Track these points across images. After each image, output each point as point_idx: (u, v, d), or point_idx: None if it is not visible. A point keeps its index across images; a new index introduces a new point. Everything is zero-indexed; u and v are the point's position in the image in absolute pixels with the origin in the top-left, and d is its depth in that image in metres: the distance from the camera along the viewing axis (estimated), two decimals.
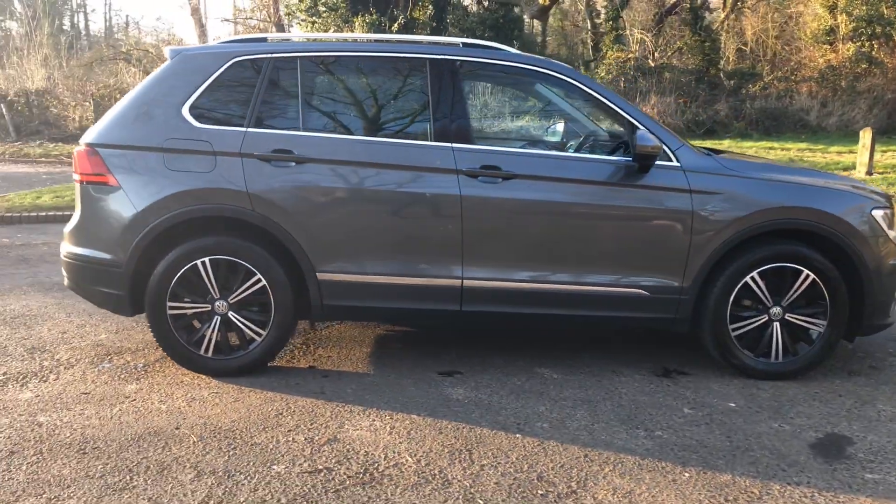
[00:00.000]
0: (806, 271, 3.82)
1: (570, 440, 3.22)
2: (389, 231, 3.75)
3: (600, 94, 3.86)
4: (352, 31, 18.59)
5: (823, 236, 3.84)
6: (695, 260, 3.79)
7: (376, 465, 2.97)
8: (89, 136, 3.83)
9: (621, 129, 3.90)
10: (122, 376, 3.85)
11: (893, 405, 3.67)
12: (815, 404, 3.66)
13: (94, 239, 3.78)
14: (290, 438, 3.19)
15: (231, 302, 3.78)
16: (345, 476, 2.88)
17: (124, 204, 3.70)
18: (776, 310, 3.87)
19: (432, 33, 20.94)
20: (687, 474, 2.95)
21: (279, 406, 3.50)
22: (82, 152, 3.78)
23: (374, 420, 3.37)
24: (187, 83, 3.81)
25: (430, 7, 20.37)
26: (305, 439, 3.18)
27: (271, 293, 3.76)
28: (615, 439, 3.24)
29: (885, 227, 3.90)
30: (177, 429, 3.26)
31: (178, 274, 3.72)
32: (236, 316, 3.80)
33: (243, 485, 2.80)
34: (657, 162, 3.76)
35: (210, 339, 3.80)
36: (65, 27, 44.99)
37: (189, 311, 3.79)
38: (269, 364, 3.97)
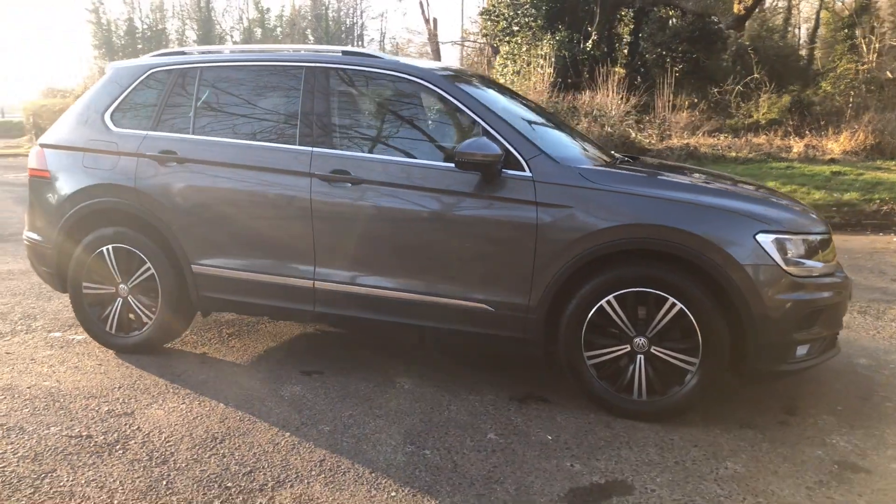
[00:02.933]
0: (672, 300, 3.35)
1: (327, 445, 3.18)
2: (253, 230, 3.95)
3: (457, 100, 3.73)
4: (539, 49, 18.69)
5: (688, 261, 3.35)
6: (541, 277, 3.51)
7: (131, 439, 3.20)
8: (43, 137, 4.51)
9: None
10: (54, 344, 4.45)
11: (748, 470, 3.08)
12: (632, 451, 3.21)
13: (37, 224, 4.44)
14: (97, 407, 3.52)
15: (130, 286, 4.22)
16: (95, 443, 3.15)
17: (54, 194, 4.32)
18: (640, 341, 3.44)
19: (630, 48, 20.39)
20: (395, 494, 2.80)
21: (126, 381, 3.86)
22: (34, 151, 4.47)
23: (185, 404, 3.59)
24: (112, 92, 4.35)
25: (631, 22, 19.83)
26: (107, 410, 3.50)
27: (158, 280, 4.15)
28: (376, 452, 3.14)
29: (776, 255, 3.29)
30: (28, 388, 3.75)
31: (90, 258, 4.24)
32: (134, 299, 4.23)
33: (9, 438, 3.18)
34: (509, 172, 3.55)
35: (113, 319, 4.27)
36: None
37: (99, 292, 4.30)
38: (164, 345, 4.34)
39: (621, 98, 15.34)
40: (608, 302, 3.43)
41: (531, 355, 3.74)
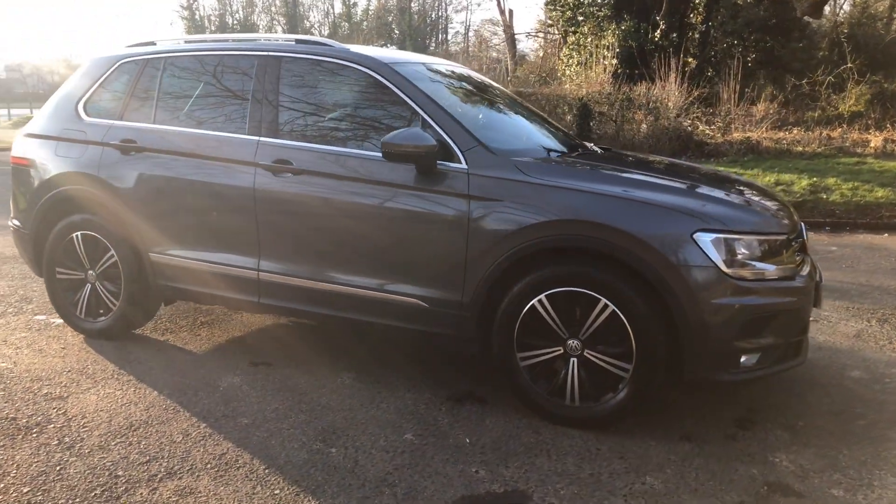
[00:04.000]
0: (604, 301, 3.15)
1: (236, 439, 3.15)
2: (204, 220, 3.96)
3: (399, 89, 3.61)
4: (604, 39, 18.21)
5: (620, 260, 3.14)
6: (473, 274, 3.37)
7: (51, 423, 3.26)
8: (26, 127, 4.66)
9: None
10: (34, 327, 4.59)
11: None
12: (549, 459, 3.04)
13: (18, 210, 4.59)
14: (38, 390, 3.61)
15: (97, 273, 4.31)
16: (16, 425, 3.22)
17: (31, 182, 4.45)
18: (573, 343, 3.26)
19: (700, 38, 19.62)
20: (278, 492, 2.73)
21: (78, 365, 3.94)
22: (17, 139, 4.62)
23: (121, 391, 3.64)
24: (86, 82, 4.44)
25: (703, 11, 19.09)
26: (45, 393, 3.58)
27: (121, 268, 4.22)
28: (281, 448, 3.10)
29: (715, 256, 3.04)
30: None
31: (61, 245, 4.36)
32: (100, 286, 4.32)
33: None
34: (446, 164, 3.42)
35: (83, 304, 4.38)
36: (430, 47, 50.31)
37: (71, 278, 4.41)
38: (132, 330, 4.42)
39: (683, 90, 14.73)
40: (539, 301, 3.26)
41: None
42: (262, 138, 3.80)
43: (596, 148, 4.37)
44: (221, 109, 4.03)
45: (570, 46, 20.57)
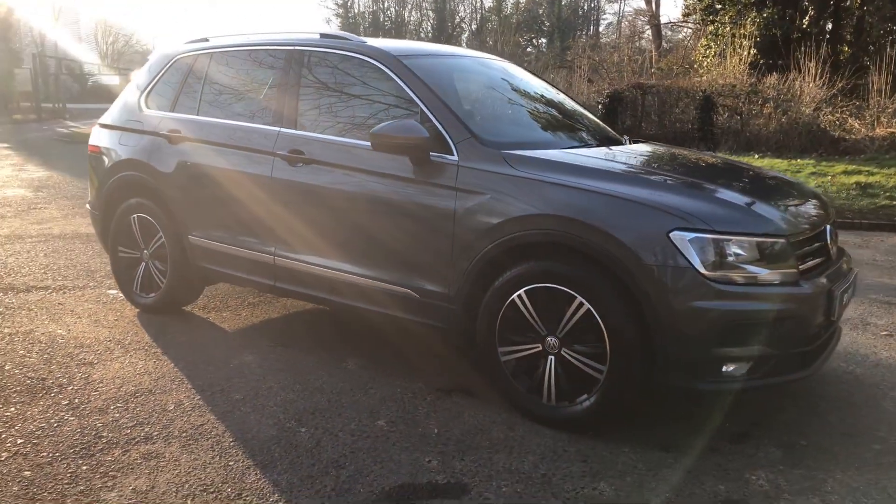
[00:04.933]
0: (580, 299, 3.07)
1: (220, 412, 3.34)
2: (233, 206, 4.19)
3: (402, 80, 3.66)
4: (743, 28, 17.19)
5: (595, 257, 3.03)
6: (459, 266, 3.37)
7: (71, 385, 3.60)
8: (101, 118, 5.12)
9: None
10: (102, 301, 5.04)
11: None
12: (508, 457, 2.99)
13: (92, 194, 5.07)
14: (76, 354, 3.99)
15: (150, 252, 4.69)
16: (42, 385, 3.59)
17: (101, 168, 4.90)
18: (552, 341, 3.20)
19: (857, 24, 18.10)
20: (233, 464, 2.89)
21: (119, 335, 4.31)
22: (94, 129, 5.09)
23: (143, 361, 3.94)
24: (148, 77, 4.83)
25: None
26: (80, 359, 3.94)
27: (167, 248, 4.56)
28: (256, 424, 3.25)
29: (693, 256, 2.86)
30: (42, 334, 4.32)
31: (122, 226, 4.78)
32: (152, 264, 4.70)
33: None
34: (441, 156, 3.45)
35: (138, 280, 4.78)
36: (581, 39, 49.62)
37: (130, 256, 4.82)
38: (182, 307, 4.77)
39: (824, 81, 13.66)
40: (519, 297, 3.21)
41: None
42: (282, 129, 3.98)
43: (627, 140, 4.22)
44: (253, 101, 4.25)
45: (708, 36, 19.62)
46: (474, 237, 3.28)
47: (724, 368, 2.93)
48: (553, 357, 3.18)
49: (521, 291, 3.20)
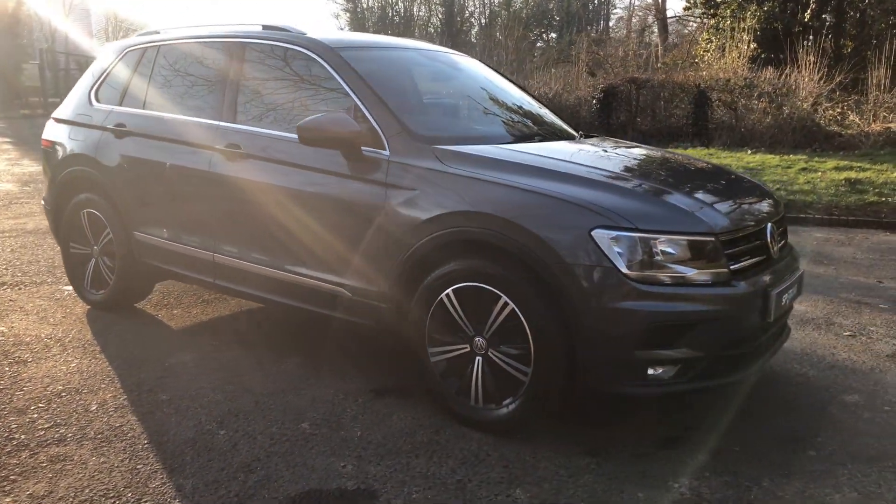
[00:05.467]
0: (504, 298, 2.97)
1: (142, 413, 3.27)
2: (174, 201, 4.12)
3: (338, 73, 3.57)
4: (743, 22, 16.97)
5: (517, 255, 2.94)
6: (389, 264, 3.29)
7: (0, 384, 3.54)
8: (54, 112, 5.05)
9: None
10: (55, 297, 4.98)
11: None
12: (427, 462, 2.90)
13: (46, 189, 5.01)
14: (12, 353, 3.92)
15: (100, 248, 4.63)
16: None
17: (52, 162, 4.84)
18: (479, 341, 3.10)
19: (860, 17, 17.84)
20: (141, 467, 2.82)
21: (61, 333, 4.24)
22: (48, 123, 5.03)
23: (78, 359, 3.87)
24: (98, 70, 4.76)
25: None
26: (15, 357, 3.88)
27: (115, 244, 4.49)
28: (177, 426, 3.18)
29: (614, 255, 2.76)
30: None
31: (72, 221, 4.71)
32: (102, 260, 4.63)
33: None
34: (371, 150, 3.36)
35: (88, 276, 4.72)
36: (592, 34, 49.08)
37: (81, 252, 4.75)
38: (134, 304, 4.71)
39: (822, 76, 13.46)
40: (447, 296, 3.12)
41: None
42: (221, 123, 3.89)
43: (580, 135, 4.14)
44: (196, 95, 4.17)
45: (709, 31, 19.42)
46: (403, 234, 3.19)
47: (649, 371, 2.83)
48: (480, 358, 3.09)
49: (449, 291, 3.11)
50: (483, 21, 53.82)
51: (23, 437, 3.02)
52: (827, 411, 3.40)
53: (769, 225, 3.23)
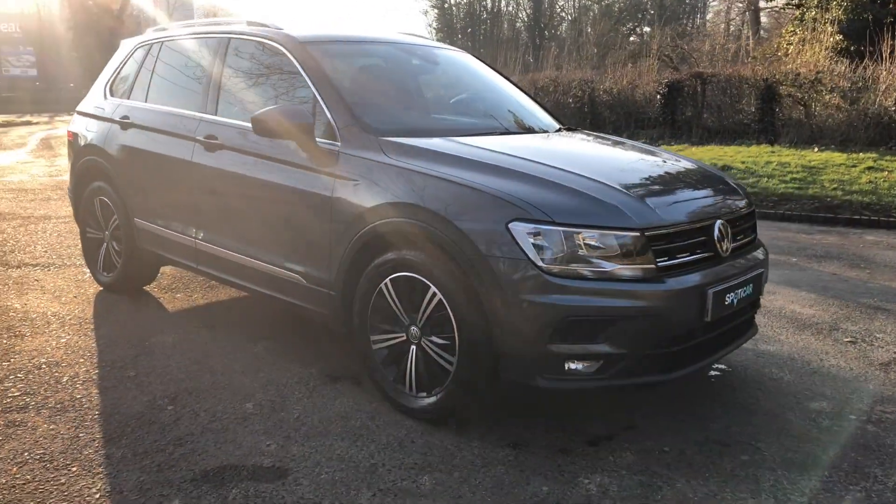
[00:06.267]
0: (433, 288, 3.02)
1: (107, 387, 3.47)
2: (165, 190, 4.35)
3: (303, 67, 3.67)
4: (828, 13, 16.15)
5: (441, 245, 2.97)
6: (336, 253, 3.38)
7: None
8: (78, 106, 5.39)
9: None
10: (76, 278, 5.32)
11: None
12: (350, 445, 2.97)
13: (69, 177, 5.36)
14: (17, 328, 4.23)
15: (110, 234, 4.92)
16: None
17: (73, 151, 5.17)
18: (414, 330, 3.16)
19: None
20: (82, 434, 3.01)
21: (66, 312, 4.54)
22: (73, 116, 5.37)
23: (69, 336, 4.14)
24: (112, 65, 5.05)
25: None
26: (17, 333, 4.18)
27: (122, 231, 4.77)
28: (131, 401, 3.36)
29: (529, 248, 2.75)
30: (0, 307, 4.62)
31: (88, 208, 5.03)
32: (112, 245, 4.93)
33: None
34: (326, 141, 3.46)
35: (101, 259, 5.02)
36: (688, 28, 47.56)
37: (95, 237, 5.07)
38: (144, 287, 4.99)
39: None
40: (386, 285, 3.18)
41: None
42: (204, 115, 4.07)
43: (562, 129, 4.13)
44: (187, 88, 4.37)
45: (794, 22, 18.58)
46: (348, 225, 3.27)
47: (567, 366, 2.80)
48: (415, 347, 3.13)
49: (387, 280, 3.16)
50: (572, 15, 53.03)
51: None
52: (783, 417, 3.27)
53: (718, 222, 3.12)
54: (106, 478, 2.70)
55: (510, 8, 55.82)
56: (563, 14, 54.01)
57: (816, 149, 11.38)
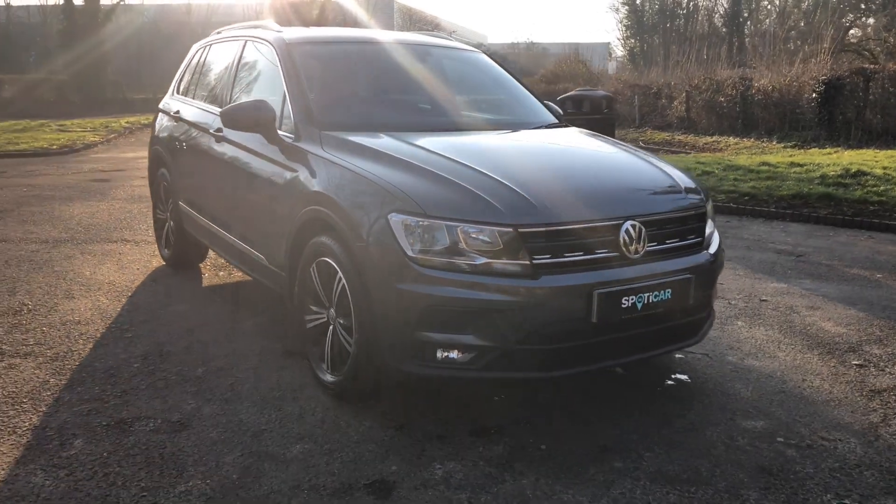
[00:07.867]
0: (339, 273, 3.23)
1: (101, 340, 4.00)
2: (191, 176, 4.90)
3: (282, 66, 3.99)
4: None
5: (340, 234, 3.17)
6: (283, 236, 3.69)
7: (33, 312, 4.54)
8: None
9: None
10: (153, 252, 6.05)
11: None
12: (252, 408, 3.25)
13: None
14: (75, 292, 4.94)
15: (169, 215, 5.58)
16: (11, 309, 4.58)
17: (150, 143, 5.91)
18: (332, 311, 3.39)
19: None
20: (28, 407, 3.53)
21: (119, 280, 5.21)
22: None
23: (105, 302, 4.77)
24: (183, 65, 5.70)
25: None
26: (72, 294, 4.90)
27: (172, 213, 5.41)
28: (116, 355, 3.84)
29: (402, 239, 2.88)
30: (75, 273, 5.40)
31: (155, 189, 5.73)
32: (170, 224, 5.57)
33: None
34: (285, 133, 3.77)
35: (163, 237, 5.70)
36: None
37: (162, 217, 5.76)
38: (198, 265, 5.61)
39: None
40: (312, 268, 3.43)
41: None
42: (221, 109, 4.53)
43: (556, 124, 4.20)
44: (215, 86, 4.87)
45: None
46: (291, 211, 3.55)
47: (439, 354, 2.89)
48: (332, 327, 3.35)
49: (314, 264, 3.40)
50: (776, 7, 49.41)
51: (4, 346, 3.90)
52: (700, 432, 3.11)
53: (628, 223, 3.03)
54: (42, 416, 3.17)
55: (706, 2, 53.14)
56: (769, 6, 50.52)
57: None
